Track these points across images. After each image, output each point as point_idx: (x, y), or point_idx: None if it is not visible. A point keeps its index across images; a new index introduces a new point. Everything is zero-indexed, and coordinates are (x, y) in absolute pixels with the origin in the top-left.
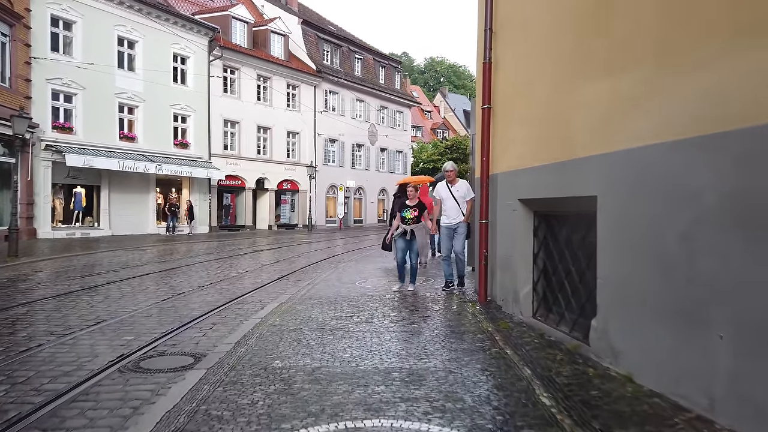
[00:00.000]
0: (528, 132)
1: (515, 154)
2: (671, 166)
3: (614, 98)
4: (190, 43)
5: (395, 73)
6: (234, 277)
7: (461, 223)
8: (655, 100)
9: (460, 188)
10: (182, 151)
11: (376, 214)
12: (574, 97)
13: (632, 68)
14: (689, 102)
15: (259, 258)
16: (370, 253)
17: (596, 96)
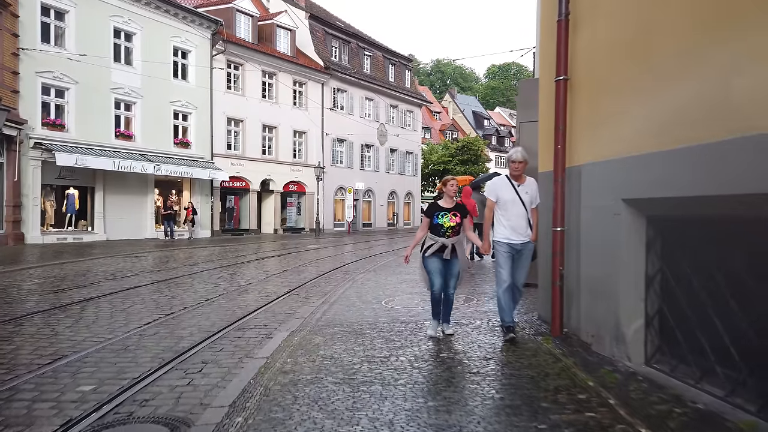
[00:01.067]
0: (643, 105)
1: (616, 136)
2: None
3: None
4: (192, 37)
5: (405, 71)
6: (235, 292)
7: (530, 243)
8: None
9: (530, 188)
10: (183, 151)
11: (386, 218)
12: (742, 46)
13: None
14: None
15: (264, 267)
16: (386, 262)
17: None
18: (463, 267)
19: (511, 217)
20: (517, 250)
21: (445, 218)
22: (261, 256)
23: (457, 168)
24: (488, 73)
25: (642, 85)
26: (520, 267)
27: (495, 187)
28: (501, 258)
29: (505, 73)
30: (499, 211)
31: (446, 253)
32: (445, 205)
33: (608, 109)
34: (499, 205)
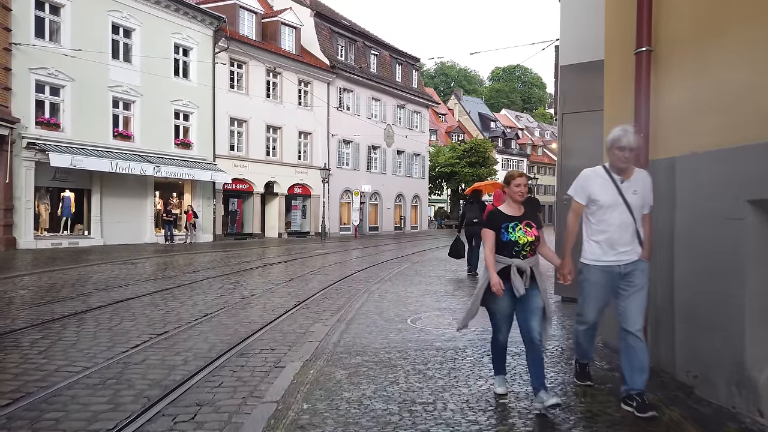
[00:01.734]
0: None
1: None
2: None
3: None
4: (194, 33)
5: (412, 71)
6: (237, 305)
7: (640, 262)
8: None
9: (639, 185)
10: (184, 152)
11: (393, 221)
12: None
13: None
14: None
15: (270, 274)
16: (401, 269)
17: None
18: (547, 301)
19: (608, 228)
20: (620, 273)
21: (518, 231)
22: (265, 263)
23: (465, 170)
24: (492, 76)
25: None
26: (634, 298)
27: (586, 182)
28: (587, 287)
29: (510, 75)
30: (591, 219)
31: (524, 282)
32: (513, 212)
33: (717, 84)
34: (590, 210)
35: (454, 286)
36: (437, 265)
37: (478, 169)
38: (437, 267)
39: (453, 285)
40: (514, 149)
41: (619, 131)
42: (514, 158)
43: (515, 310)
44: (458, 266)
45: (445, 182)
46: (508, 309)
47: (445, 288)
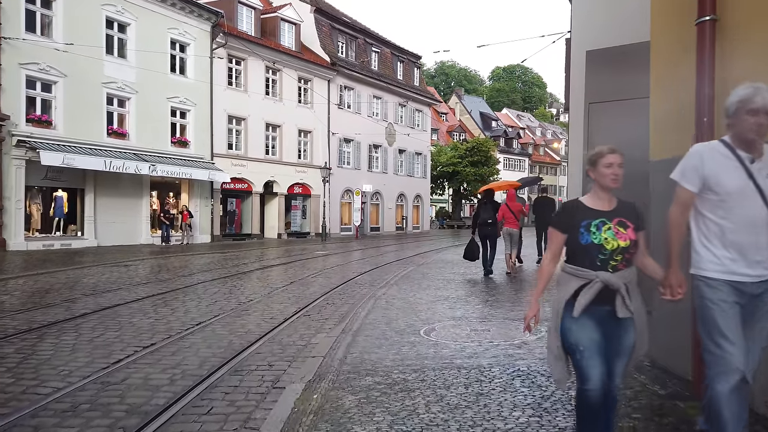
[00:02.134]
0: None
1: None
2: None
3: None
4: (191, 29)
5: (414, 69)
6: (233, 312)
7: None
8: None
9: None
10: (181, 150)
11: (394, 221)
12: None
13: None
14: None
15: (268, 278)
16: (406, 272)
17: None
18: (641, 332)
19: (737, 226)
20: (751, 295)
21: (606, 232)
22: (264, 265)
23: (467, 170)
24: (493, 76)
25: None
26: (757, 334)
27: (701, 161)
28: (715, 313)
29: (510, 75)
30: (708, 214)
31: (617, 307)
32: (600, 205)
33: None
34: (707, 200)
35: (466, 291)
36: (444, 268)
37: (480, 168)
38: (445, 269)
39: (465, 289)
40: (516, 149)
41: (749, 89)
42: (515, 158)
43: (605, 345)
44: (467, 268)
45: (447, 182)
46: (597, 342)
47: (457, 293)
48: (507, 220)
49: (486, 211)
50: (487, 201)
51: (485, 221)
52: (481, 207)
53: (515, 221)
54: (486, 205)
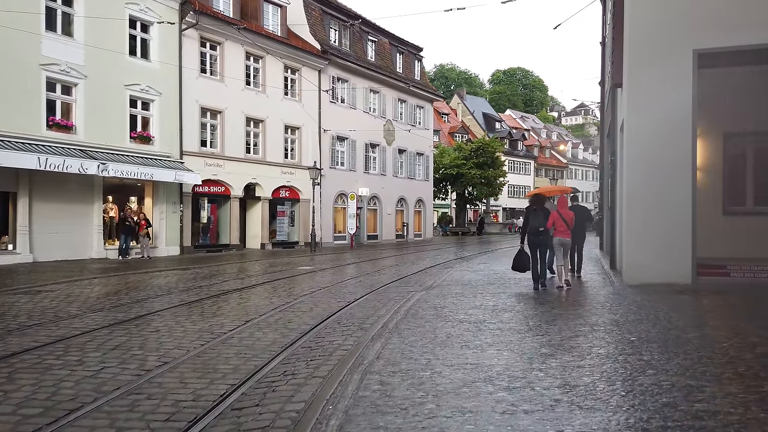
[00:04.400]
0: None
1: None
2: None
3: None
4: (155, 5)
5: (415, 62)
6: (181, 365)
7: None
8: None
9: None
10: (142, 147)
11: (394, 228)
12: None
13: None
14: None
15: (235, 306)
16: (412, 303)
17: None
18: None
19: None
20: None
21: None
22: (233, 287)
23: (472, 172)
24: (493, 79)
25: None
26: None
27: None
28: None
29: (511, 78)
30: None
31: None
32: None
33: None
34: None
35: (521, 355)
36: (464, 295)
37: (486, 170)
38: (465, 298)
39: (517, 350)
40: (521, 151)
41: None
42: (520, 160)
43: None
44: (496, 297)
45: (450, 185)
46: None
47: (507, 358)
48: (558, 229)
49: (536, 218)
50: (536, 207)
51: (536, 229)
52: (531, 214)
53: (567, 230)
54: (536, 212)
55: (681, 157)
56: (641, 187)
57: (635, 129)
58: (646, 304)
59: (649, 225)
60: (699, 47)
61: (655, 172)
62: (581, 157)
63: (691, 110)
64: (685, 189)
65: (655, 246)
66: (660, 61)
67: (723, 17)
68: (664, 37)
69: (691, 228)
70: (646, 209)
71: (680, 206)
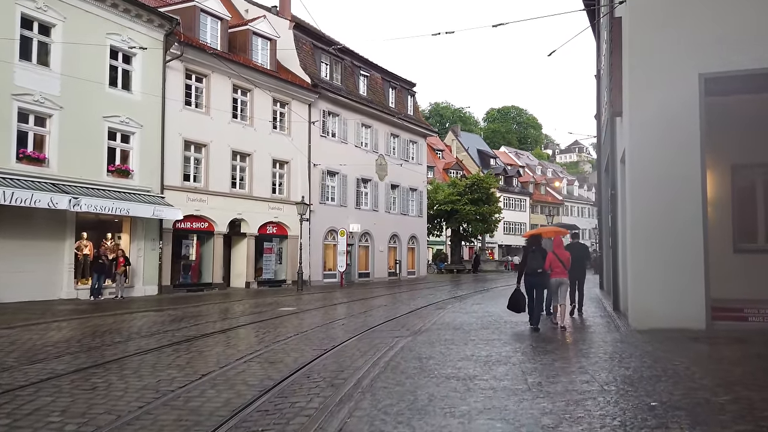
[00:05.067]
0: None
1: None
2: None
3: None
4: (138, 36)
5: (408, 97)
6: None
7: None
8: None
9: None
10: (120, 181)
11: (387, 266)
12: None
13: None
14: None
15: (197, 356)
16: (395, 352)
17: None
18: None
19: None
20: None
21: None
22: (202, 332)
23: (466, 208)
24: (488, 117)
25: None
26: None
27: None
28: None
29: (505, 116)
30: None
31: None
32: None
33: None
34: None
35: (517, 428)
36: (454, 343)
37: (481, 207)
38: (455, 345)
39: (513, 420)
40: (516, 187)
41: None
42: (516, 197)
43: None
44: (490, 344)
45: (445, 221)
46: None
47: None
48: (555, 270)
49: (535, 258)
50: (535, 248)
51: (534, 270)
52: (529, 254)
53: (564, 270)
54: (534, 253)
55: (689, 190)
56: (646, 223)
57: (638, 159)
58: (661, 355)
59: (655, 264)
60: (705, 71)
61: (660, 206)
62: (576, 194)
63: (698, 139)
64: (695, 224)
65: (663, 287)
66: (663, 87)
67: (730, 39)
68: (668, 61)
69: (703, 267)
70: (652, 247)
71: (690, 243)
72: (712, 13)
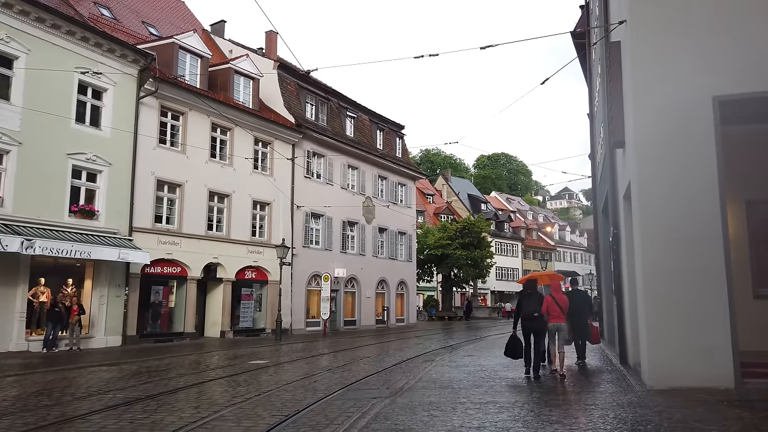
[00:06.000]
0: None
1: None
2: None
3: None
4: (109, 71)
5: (396, 139)
6: None
7: None
8: None
9: None
10: (83, 223)
11: (374, 313)
12: None
13: None
14: None
15: (116, 430)
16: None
17: None
18: None
19: None
20: None
21: None
22: (147, 392)
23: (457, 253)
24: (478, 164)
25: None
26: None
27: None
28: None
29: (495, 163)
30: None
31: None
32: None
33: None
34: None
35: None
36: (440, 406)
37: (472, 251)
38: (441, 412)
39: None
40: (508, 232)
41: None
42: (508, 242)
43: None
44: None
45: (435, 267)
46: None
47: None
48: (552, 314)
49: (531, 303)
50: (531, 292)
51: (531, 314)
52: (525, 298)
53: (561, 315)
54: (530, 297)
55: (706, 226)
56: (659, 266)
57: (646, 194)
58: (696, 426)
59: (673, 313)
60: (720, 93)
61: (675, 246)
62: (569, 239)
63: (716, 168)
64: (716, 266)
65: (683, 340)
66: (673, 112)
67: (746, 59)
68: (677, 83)
69: (728, 316)
70: (667, 293)
71: (712, 289)
72: (726, 29)
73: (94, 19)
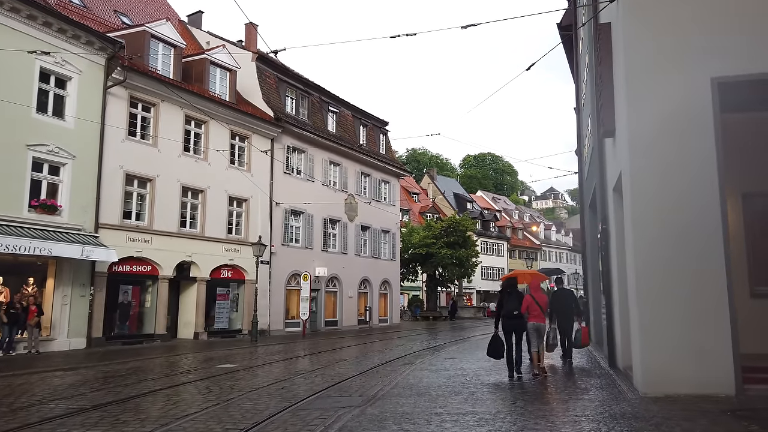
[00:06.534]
0: None
1: None
2: None
3: None
4: (74, 59)
5: (380, 135)
6: None
7: None
8: None
9: None
10: (44, 218)
11: (356, 313)
12: None
13: None
14: None
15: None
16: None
17: None
18: None
19: None
20: None
21: None
22: (98, 401)
23: (442, 251)
24: (464, 163)
25: None
26: None
27: None
28: None
29: (481, 163)
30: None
31: None
32: None
33: None
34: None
35: None
36: (413, 418)
37: (457, 250)
38: (413, 425)
39: None
40: (493, 231)
41: None
42: (493, 241)
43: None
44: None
45: (420, 266)
46: None
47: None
48: (532, 314)
49: (511, 301)
50: (511, 290)
51: (511, 313)
52: (505, 297)
53: (542, 314)
54: (510, 295)
55: (703, 219)
56: (653, 263)
57: (639, 186)
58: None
59: (668, 314)
60: (719, 75)
61: (669, 240)
62: (554, 239)
63: (714, 157)
64: (714, 263)
65: (679, 343)
66: (668, 96)
67: (749, 37)
68: (673, 65)
69: (728, 317)
70: (662, 292)
71: (709, 287)
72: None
73: (61, 6)
